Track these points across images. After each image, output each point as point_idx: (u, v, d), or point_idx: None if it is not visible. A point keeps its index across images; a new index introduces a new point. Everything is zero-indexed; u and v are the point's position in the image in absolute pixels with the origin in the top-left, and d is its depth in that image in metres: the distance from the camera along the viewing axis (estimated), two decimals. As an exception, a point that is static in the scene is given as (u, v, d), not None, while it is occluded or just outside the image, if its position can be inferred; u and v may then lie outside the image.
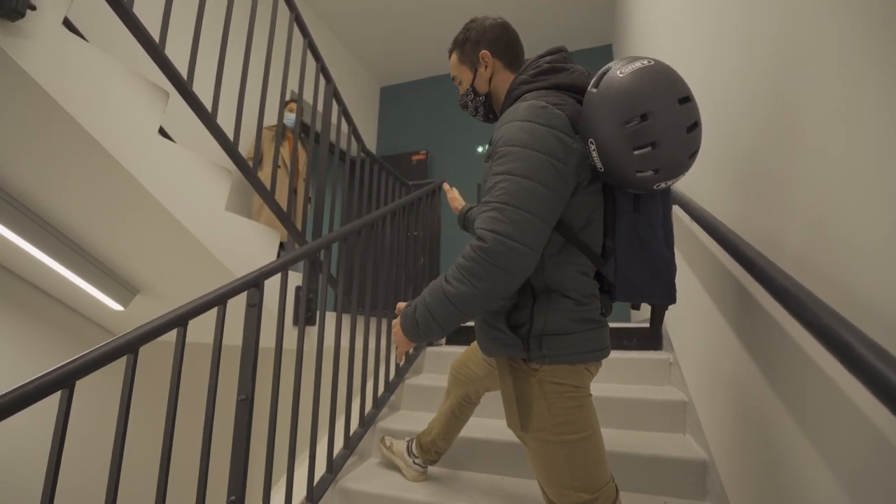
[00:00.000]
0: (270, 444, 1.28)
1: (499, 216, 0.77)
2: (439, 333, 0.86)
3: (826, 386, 0.69)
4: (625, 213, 0.87)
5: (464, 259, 0.79)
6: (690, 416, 1.60)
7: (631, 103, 0.74)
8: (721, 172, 1.22)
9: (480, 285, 0.77)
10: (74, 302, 2.08)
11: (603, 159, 0.79)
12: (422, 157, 4.41)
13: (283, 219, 1.74)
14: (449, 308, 0.81)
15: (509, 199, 0.77)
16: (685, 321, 1.70)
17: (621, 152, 0.76)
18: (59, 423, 0.81)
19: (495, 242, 0.75)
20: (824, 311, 0.57)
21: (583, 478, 0.87)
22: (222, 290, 1.17)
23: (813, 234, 0.75)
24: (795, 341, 0.81)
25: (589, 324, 0.88)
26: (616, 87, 0.76)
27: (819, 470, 0.72)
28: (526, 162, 0.78)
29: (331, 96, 2.09)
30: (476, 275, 0.77)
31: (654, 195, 0.87)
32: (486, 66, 1.01)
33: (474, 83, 1.03)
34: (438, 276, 0.87)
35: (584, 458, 0.87)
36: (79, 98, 1.14)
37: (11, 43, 0.99)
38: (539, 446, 0.89)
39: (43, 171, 1.36)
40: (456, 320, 0.82)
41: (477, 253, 0.77)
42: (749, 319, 1.05)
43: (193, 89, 1.38)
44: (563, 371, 0.87)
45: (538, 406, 0.87)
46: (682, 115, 0.75)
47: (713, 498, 1.32)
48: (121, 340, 0.93)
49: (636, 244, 0.87)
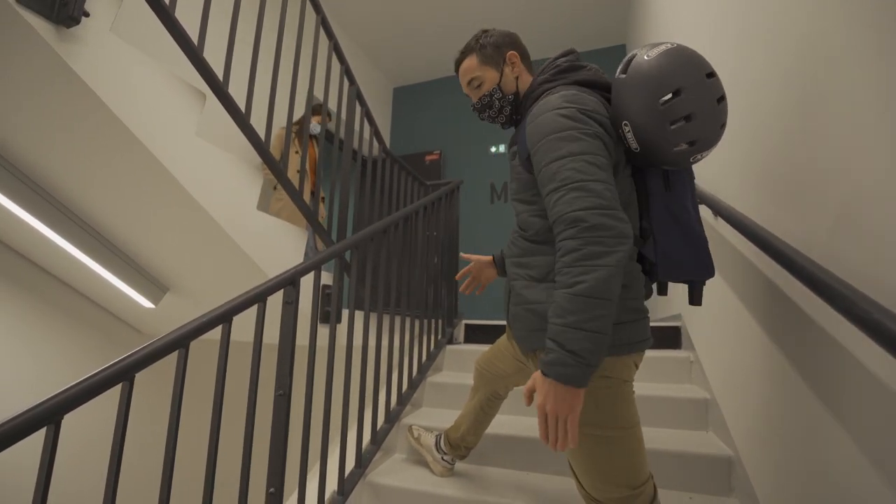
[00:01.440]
0: (305, 439, 1.31)
1: (582, 194, 0.76)
2: (605, 342, 0.75)
3: (870, 382, 0.71)
4: (657, 194, 0.90)
5: (570, 252, 0.75)
6: (713, 413, 1.62)
7: (664, 81, 0.79)
8: (749, 171, 1.24)
9: (608, 260, 0.73)
10: (107, 301, 2.13)
11: (639, 139, 0.83)
12: (435, 158, 4.44)
13: (310, 218, 1.77)
14: (598, 305, 0.73)
15: (581, 175, 0.78)
16: (707, 319, 1.71)
17: (658, 129, 0.80)
18: (121, 414, 0.85)
19: (592, 216, 0.74)
20: (873, 306, 0.59)
21: (625, 473, 0.87)
22: (262, 288, 1.20)
23: (843, 229, 0.77)
24: (831, 335, 0.83)
25: (634, 313, 0.88)
26: (647, 69, 0.81)
27: (860, 464, 0.74)
28: (581, 142, 0.80)
29: (354, 98, 2.12)
30: (597, 254, 0.73)
31: (682, 175, 0.91)
32: (514, 66, 1.04)
33: (501, 83, 1.04)
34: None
35: (626, 453, 0.87)
36: (125, 100, 1.18)
37: (66, 49, 1.03)
38: (583, 441, 0.87)
39: (89, 172, 1.40)
40: (610, 314, 0.74)
41: (584, 234, 0.74)
42: (779, 315, 1.06)
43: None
44: (612, 364, 0.86)
45: (587, 402, 0.82)
46: (711, 89, 0.80)
47: (739, 494, 1.33)
48: (173, 336, 0.96)
49: (671, 222, 0.90)
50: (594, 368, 0.74)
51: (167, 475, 0.92)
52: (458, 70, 1.11)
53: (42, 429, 0.73)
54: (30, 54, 1.03)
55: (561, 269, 0.76)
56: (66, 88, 1.11)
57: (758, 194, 1.19)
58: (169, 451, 0.94)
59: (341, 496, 1.43)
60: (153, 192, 1.40)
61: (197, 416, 1.89)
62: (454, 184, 2.63)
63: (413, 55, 4.51)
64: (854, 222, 0.75)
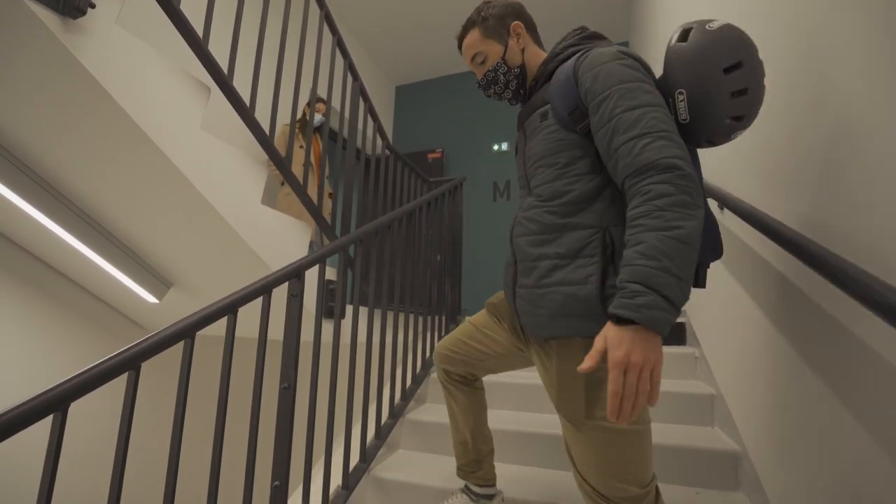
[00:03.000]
0: (310, 433, 1.31)
1: (670, 143, 0.73)
2: (689, 294, 0.71)
3: (887, 370, 0.70)
4: None
5: (665, 196, 0.69)
6: (718, 409, 1.61)
7: (731, 51, 0.79)
8: (755, 163, 1.23)
9: (698, 213, 0.70)
10: (110, 296, 2.13)
11: (692, 110, 0.81)
12: (437, 156, 4.44)
13: (314, 213, 1.77)
14: (689, 253, 0.68)
15: (665, 126, 0.75)
16: (713, 315, 1.71)
17: (717, 97, 0.79)
18: (127, 403, 0.84)
19: (686, 165, 0.71)
20: (889, 290, 0.58)
21: (636, 470, 0.83)
22: (267, 280, 1.20)
23: (860, 219, 0.76)
24: (843, 324, 0.82)
25: None
26: (711, 38, 0.80)
27: (875, 455, 0.73)
28: (654, 94, 0.79)
29: (357, 94, 2.12)
30: (688, 205, 0.69)
31: (697, 160, 0.89)
32: (519, 38, 1.00)
33: (505, 56, 0.99)
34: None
35: (640, 450, 0.84)
36: (130, 93, 1.18)
37: (72, 40, 1.03)
38: (598, 435, 0.82)
39: (93, 165, 1.40)
40: (694, 266, 0.70)
41: (679, 181, 0.70)
42: (788, 307, 1.06)
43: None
44: None
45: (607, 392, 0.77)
46: (762, 67, 0.81)
47: (746, 489, 1.33)
48: (179, 325, 0.96)
49: None
50: (677, 316, 0.69)
51: (173, 468, 0.92)
52: (461, 47, 1.06)
53: (49, 417, 0.73)
54: (35, 45, 1.03)
55: (650, 212, 0.69)
56: (71, 80, 1.10)
57: (765, 186, 1.18)
58: (175, 442, 0.93)
59: (346, 490, 1.43)
60: (158, 185, 1.40)
61: (199, 415, 1.91)
62: (457, 180, 2.63)
63: (415, 53, 4.51)
64: (865, 209, 0.75)
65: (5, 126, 1.32)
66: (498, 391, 1.88)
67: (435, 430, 1.76)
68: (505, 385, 1.89)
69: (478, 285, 3.74)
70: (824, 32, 0.90)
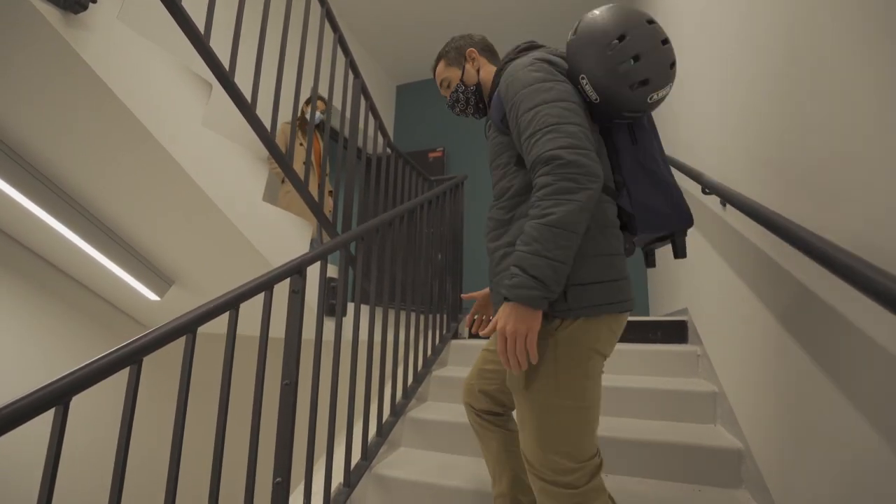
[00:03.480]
0: (312, 430, 1.31)
1: (557, 134, 0.81)
2: (564, 271, 0.79)
3: (892, 364, 0.70)
4: (625, 149, 0.96)
5: (545, 186, 0.79)
6: (721, 406, 1.60)
7: (609, 29, 0.87)
8: (756, 159, 1.23)
9: (578, 196, 0.77)
10: (111, 294, 2.13)
11: (596, 87, 0.88)
12: (438, 155, 4.43)
13: (315, 210, 1.77)
14: (561, 236, 0.77)
15: (556, 119, 0.82)
16: (715, 312, 1.70)
17: (611, 72, 0.86)
18: (129, 397, 0.84)
19: (570, 154, 0.79)
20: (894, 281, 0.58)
21: (571, 445, 0.86)
22: (269, 276, 1.20)
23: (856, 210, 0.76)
24: (846, 317, 0.82)
25: (611, 271, 0.88)
26: (593, 23, 0.90)
27: (879, 449, 0.73)
28: (553, 91, 0.86)
29: (359, 91, 2.11)
30: (569, 190, 0.77)
31: (645, 128, 0.97)
32: (473, 60, 1.17)
33: (463, 77, 1.17)
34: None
35: (576, 427, 0.86)
36: (132, 89, 1.18)
37: (74, 35, 1.03)
38: (535, 406, 0.87)
39: (95, 161, 1.40)
40: (572, 246, 0.78)
41: (559, 171, 0.78)
42: (791, 303, 1.05)
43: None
44: (583, 327, 0.85)
45: (546, 369, 0.85)
46: (654, 32, 0.87)
47: (749, 486, 1.32)
48: (181, 320, 0.95)
49: (642, 173, 0.94)
50: (553, 296, 0.80)
51: (174, 464, 0.92)
52: (434, 75, 1.24)
53: (50, 413, 0.73)
54: (36, 40, 1.03)
55: (534, 204, 0.81)
56: (72, 76, 1.10)
57: (766, 181, 1.17)
58: (176, 438, 0.93)
59: (347, 487, 1.43)
60: (159, 181, 1.40)
61: (199, 415, 1.91)
62: (458, 178, 2.63)
63: (416, 52, 4.51)
64: (864, 202, 0.74)
65: (6, 122, 1.32)
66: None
67: (436, 428, 1.76)
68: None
69: (478, 284, 3.74)
70: (826, 30, 0.90)
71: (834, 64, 0.87)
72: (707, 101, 1.69)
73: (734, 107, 1.41)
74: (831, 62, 0.88)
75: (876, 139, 0.74)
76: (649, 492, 1.36)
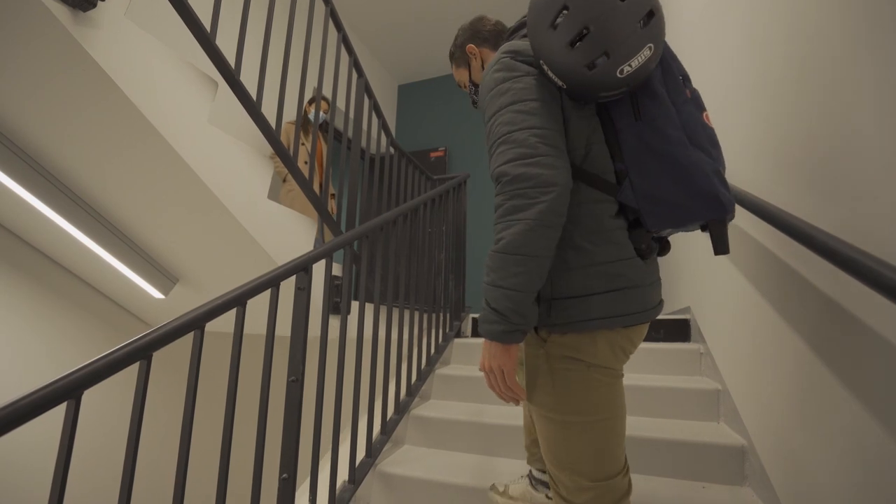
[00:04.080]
0: (317, 426, 1.31)
1: (506, 147, 0.74)
2: (527, 299, 0.72)
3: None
4: (626, 127, 0.77)
5: (497, 209, 0.74)
6: (724, 404, 1.61)
7: (549, 3, 0.72)
8: (762, 155, 1.24)
9: (528, 214, 0.69)
10: (114, 292, 2.14)
11: (556, 72, 0.74)
12: (440, 154, 4.44)
13: (319, 208, 1.77)
14: (512, 261, 0.70)
15: (507, 127, 0.75)
16: (719, 309, 1.71)
17: (561, 53, 0.71)
18: (139, 393, 0.85)
19: (513, 167, 0.71)
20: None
21: (581, 462, 0.78)
22: (275, 273, 1.20)
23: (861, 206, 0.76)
24: (852, 312, 0.82)
25: (605, 281, 0.76)
26: (534, 2, 0.76)
27: (887, 447, 0.74)
28: (509, 93, 0.77)
29: (362, 90, 2.12)
30: (517, 208, 0.70)
31: (657, 96, 0.76)
32: (475, 57, 1.10)
33: (471, 77, 1.11)
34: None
35: (584, 444, 0.78)
36: (140, 86, 1.19)
37: (82, 32, 1.03)
38: (539, 420, 0.83)
39: (101, 158, 1.41)
40: (527, 271, 0.71)
41: (506, 189, 0.72)
42: (795, 299, 1.06)
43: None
44: (572, 343, 0.77)
45: (543, 381, 0.80)
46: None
47: (753, 483, 1.33)
48: (189, 316, 0.96)
49: (648, 156, 0.75)
50: (524, 326, 0.73)
51: (183, 460, 0.92)
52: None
53: (62, 405, 0.73)
54: (45, 37, 1.04)
55: (494, 231, 0.75)
56: (81, 73, 1.11)
57: (770, 177, 1.18)
58: (185, 435, 0.94)
59: (352, 484, 1.43)
60: (165, 179, 1.41)
61: (203, 413, 1.91)
62: (462, 177, 2.63)
63: (418, 52, 4.52)
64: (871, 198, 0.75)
65: (13, 119, 1.32)
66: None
67: (439, 426, 1.76)
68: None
69: (480, 283, 3.74)
70: (831, 31, 0.90)
71: (841, 61, 0.88)
72: (709, 97, 1.69)
73: (737, 103, 1.42)
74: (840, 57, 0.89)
75: (876, 138, 0.75)
76: (656, 489, 1.37)
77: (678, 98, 0.77)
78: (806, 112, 1.01)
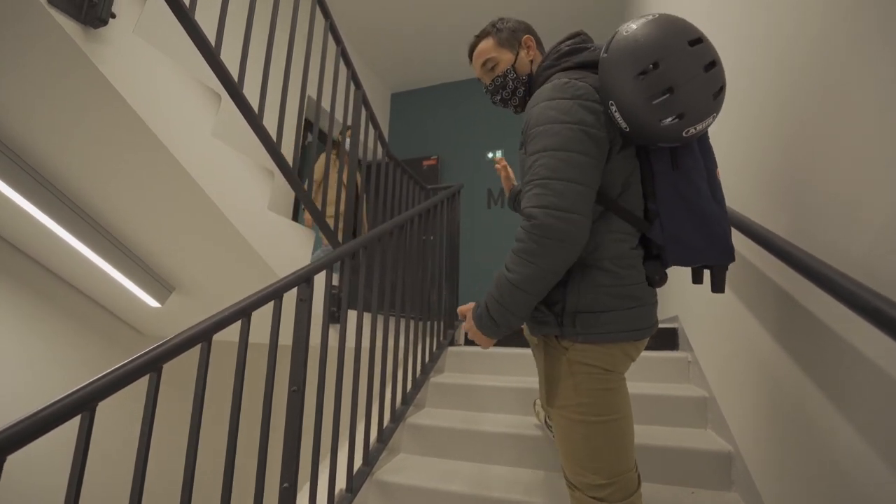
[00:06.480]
0: (317, 436, 1.33)
1: (543, 191, 0.79)
2: (517, 321, 0.87)
3: (873, 371, 0.75)
4: (663, 174, 0.85)
5: (518, 242, 0.81)
6: (712, 411, 1.66)
7: (640, 54, 0.75)
8: (746, 172, 1.30)
9: (541, 262, 0.79)
10: (109, 301, 2.12)
11: (625, 117, 0.79)
12: (433, 163, 4.49)
13: (317, 218, 1.80)
14: (518, 294, 0.83)
15: (550, 172, 0.80)
16: (705, 319, 1.77)
17: (640, 105, 0.76)
18: (149, 404, 0.86)
19: (545, 216, 0.78)
20: (875, 295, 0.63)
21: (599, 460, 0.87)
22: (278, 285, 1.23)
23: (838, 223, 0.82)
24: (830, 326, 0.87)
25: (627, 301, 0.87)
26: (624, 44, 0.78)
27: (863, 453, 0.78)
28: (559, 136, 0.81)
29: (360, 102, 2.15)
30: (534, 253, 0.79)
31: (692, 150, 0.85)
32: (530, 50, 1.05)
33: (515, 64, 1.04)
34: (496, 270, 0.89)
35: (604, 442, 0.87)
36: (147, 101, 1.21)
37: (93, 49, 1.05)
38: (562, 422, 0.91)
39: (107, 171, 1.42)
40: (528, 303, 0.85)
41: (530, 232, 0.79)
42: (777, 311, 1.11)
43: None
44: (593, 352, 0.87)
45: (565, 384, 0.89)
46: (696, 56, 0.74)
47: (739, 488, 1.37)
48: (197, 329, 0.98)
49: (680, 204, 0.84)
50: (507, 329, 0.89)
51: (189, 470, 0.94)
52: (471, 55, 1.10)
53: (76, 417, 0.75)
54: (57, 54, 1.05)
55: (510, 252, 0.84)
56: (90, 89, 1.13)
57: (752, 194, 1.24)
58: (191, 446, 0.95)
59: (350, 493, 1.45)
60: (168, 190, 1.42)
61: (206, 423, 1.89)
62: (456, 187, 2.67)
63: (411, 61, 4.57)
64: (850, 216, 0.80)
65: (18, 131, 1.33)
66: (495, 396, 1.92)
67: (434, 434, 1.79)
68: (502, 390, 1.93)
69: (474, 291, 3.78)
70: (824, 42, 0.96)
71: (834, 74, 0.93)
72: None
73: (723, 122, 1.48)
74: (832, 72, 0.94)
75: (851, 156, 0.80)
76: (647, 494, 1.39)
77: (706, 151, 0.88)
78: (784, 131, 1.07)
